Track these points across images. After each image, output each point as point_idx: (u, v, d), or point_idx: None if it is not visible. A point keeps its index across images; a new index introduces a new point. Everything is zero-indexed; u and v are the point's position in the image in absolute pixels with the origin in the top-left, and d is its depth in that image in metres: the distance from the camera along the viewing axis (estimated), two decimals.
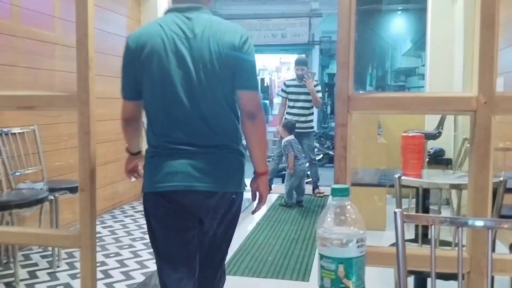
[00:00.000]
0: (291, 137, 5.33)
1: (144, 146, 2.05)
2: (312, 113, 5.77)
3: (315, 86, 5.56)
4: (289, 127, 5.37)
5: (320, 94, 5.65)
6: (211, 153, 1.76)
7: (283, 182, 6.64)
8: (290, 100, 5.65)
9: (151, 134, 1.85)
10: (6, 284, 2.94)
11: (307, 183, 5.93)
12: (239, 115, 1.83)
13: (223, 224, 1.88)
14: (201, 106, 1.74)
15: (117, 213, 4.73)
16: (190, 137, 1.75)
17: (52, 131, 3.83)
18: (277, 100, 17.43)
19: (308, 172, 5.91)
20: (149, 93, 1.81)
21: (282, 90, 5.81)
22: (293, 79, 5.76)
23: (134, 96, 1.88)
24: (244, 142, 1.87)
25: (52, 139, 3.84)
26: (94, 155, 1.86)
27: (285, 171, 6.20)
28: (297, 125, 5.51)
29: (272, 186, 5.98)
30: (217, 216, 1.84)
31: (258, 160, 1.90)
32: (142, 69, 1.81)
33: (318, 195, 5.81)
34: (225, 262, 2.00)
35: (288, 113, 5.65)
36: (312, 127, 5.83)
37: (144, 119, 1.98)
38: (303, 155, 5.51)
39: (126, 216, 4.60)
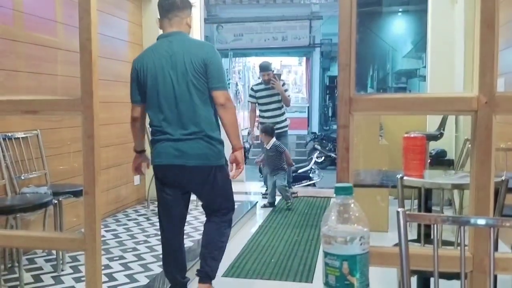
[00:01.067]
0: (274, 139, 5.28)
1: (147, 148, 2.86)
2: (284, 113, 5.83)
3: (282, 85, 5.69)
4: (270, 131, 5.31)
5: (288, 93, 5.80)
6: (186, 139, 2.50)
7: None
8: (261, 104, 5.72)
9: (151, 127, 2.66)
10: None
11: (307, 185, 5.96)
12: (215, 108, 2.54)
13: (207, 185, 2.61)
14: (180, 106, 2.49)
15: (121, 216, 4.75)
16: (172, 129, 2.52)
17: (55, 135, 3.85)
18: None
19: None
20: (148, 99, 2.59)
21: (250, 95, 5.83)
22: (260, 83, 5.83)
23: (138, 100, 2.68)
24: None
25: (55, 143, 3.86)
26: (99, 159, 1.87)
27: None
28: (276, 126, 5.60)
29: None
30: (196, 181, 2.60)
31: (233, 138, 2.60)
32: (143, 82, 2.58)
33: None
34: (230, 207, 2.77)
35: (262, 117, 5.74)
36: (287, 126, 5.86)
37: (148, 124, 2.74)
38: None
39: (129, 220, 4.62)
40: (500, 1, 1.36)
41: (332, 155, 10.78)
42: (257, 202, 5.43)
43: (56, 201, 3.29)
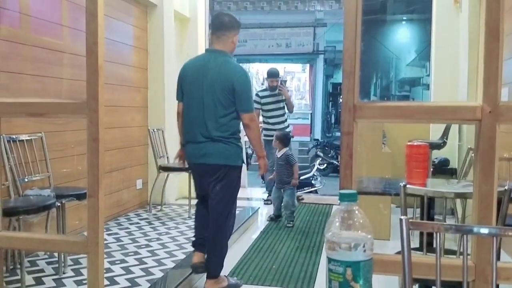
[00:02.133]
0: (287, 149, 4.97)
1: None
2: (287, 120, 5.94)
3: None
4: (285, 140, 4.99)
5: (291, 99, 5.97)
6: (205, 142, 2.92)
7: None
8: (266, 110, 5.77)
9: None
10: None
11: (309, 192, 5.97)
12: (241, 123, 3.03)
13: (217, 182, 2.95)
14: (205, 115, 2.91)
15: (122, 220, 4.75)
16: (196, 133, 2.95)
17: (59, 138, 3.87)
18: None
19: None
20: (184, 102, 3.05)
21: (255, 101, 5.73)
22: (265, 90, 5.90)
23: (180, 98, 3.09)
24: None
25: (59, 146, 3.88)
26: (103, 162, 1.88)
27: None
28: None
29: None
30: (211, 177, 2.95)
31: (256, 149, 3.18)
32: (182, 86, 3.05)
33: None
34: (233, 211, 3.10)
35: (266, 123, 5.78)
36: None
37: None
38: None
39: (131, 224, 4.62)
40: (505, 11, 1.36)
41: (335, 162, 10.77)
42: (258, 208, 5.43)
43: (59, 204, 3.30)
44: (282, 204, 4.92)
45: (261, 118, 5.88)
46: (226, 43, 2.98)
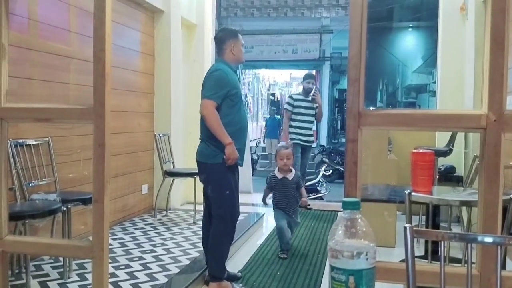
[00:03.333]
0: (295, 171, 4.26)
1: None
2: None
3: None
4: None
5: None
6: (200, 142, 3.24)
7: None
8: (296, 114, 5.67)
9: None
10: None
11: (315, 198, 5.96)
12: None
13: (207, 183, 3.22)
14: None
15: (128, 225, 4.76)
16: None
17: (66, 143, 3.89)
18: None
19: None
20: None
21: (288, 103, 5.76)
22: (299, 94, 5.84)
23: None
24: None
25: (66, 151, 3.90)
26: (109, 167, 1.89)
27: None
28: (305, 138, 5.63)
29: None
30: (201, 176, 3.27)
31: (219, 138, 3.06)
32: None
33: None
34: (221, 215, 3.16)
35: (295, 127, 5.66)
36: (313, 141, 5.95)
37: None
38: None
39: (136, 229, 4.63)
40: (510, 19, 1.37)
41: (340, 168, 10.75)
42: (263, 214, 5.42)
43: (65, 208, 3.31)
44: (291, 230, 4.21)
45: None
46: (224, 54, 3.26)
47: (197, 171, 3.31)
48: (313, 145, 5.90)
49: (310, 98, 5.64)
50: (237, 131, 3.15)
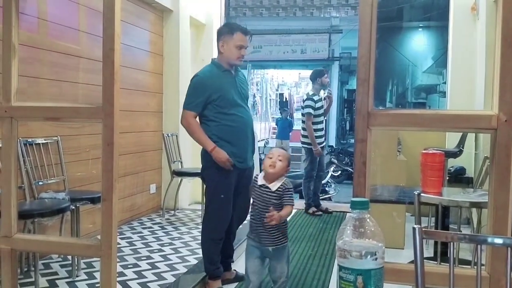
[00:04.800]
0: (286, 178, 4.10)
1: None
2: None
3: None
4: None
5: None
6: None
7: (300, 198, 6.64)
8: (315, 115, 5.52)
9: None
10: None
11: (324, 199, 5.95)
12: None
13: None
14: None
15: (136, 224, 4.78)
16: None
17: (75, 142, 3.91)
18: (297, 115, 17.47)
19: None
20: None
21: (311, 106, 5.50)
22: (314, 94, 5.62)
23: None
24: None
25: (74, 150, 3.92)
26: (117, 166, 1.90)
27: (300, 187, 6.19)
28: (323, 139, 5.62)
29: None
30: None
31: (202, 146, 3.07)
32: None
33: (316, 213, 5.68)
34: (209, 220, 3.15)
35: (315, 130, 5.52)
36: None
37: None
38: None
39: (144, 228, 4.64)
40: None
41: (349, 169, 10.71)
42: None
43: (73, 207, 3.33)
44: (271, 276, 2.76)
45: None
46: (218, 53, 3.18)
47: None
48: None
49: (325, 96, 5.59)
50: (230, 134, 3.06)
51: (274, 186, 2.59)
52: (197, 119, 3.11)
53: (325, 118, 5.88)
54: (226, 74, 3.14)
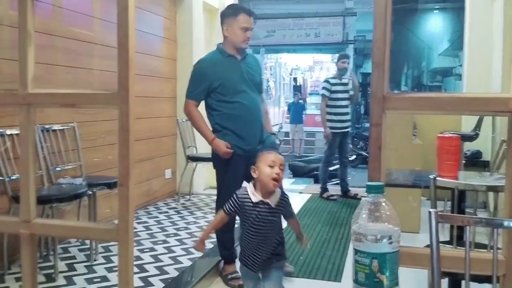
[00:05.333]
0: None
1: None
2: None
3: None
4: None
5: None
6: None
7: (315, 182, 6.65)
8: (333, 99, 5.48)
9: None
10: (46, 275, 3.05)
11: (336, 184, 5.94)
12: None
13: None
14: None
15: (152, 209, 4.83)
16: None
17: (91, 128, 3.95)
18: (311, 100, 17.39)
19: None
20: None
21: (325, 88, 5.52)
22: (334, 77, 5.61)
23: None
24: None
25: (91, 136, 3.96)
26: (133, 152, 1.91)
27: (316, 171, 6.19)
28: (344, 124, 5.52)
29: (305, 186, 5.99)
30: None
31: (203, 136, 3.10)
32: None
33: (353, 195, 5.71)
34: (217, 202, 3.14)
35: (333, 114, 5.49)
36: (350, 126, 5.79)
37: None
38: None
39: (160, 213, 4.69)
40: None
41: (364, 153, 10.67)
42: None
43: (90, 192, 3.38)
44: None
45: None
46: (223, 38, 3.09)
47: None
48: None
49: (346, 80, 5.50)
50: (233, 122, 3.00)
51: (273, 201, 2.10)
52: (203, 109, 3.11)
53: (352, 103, 5.79)
54: (230, 60, 3.04)
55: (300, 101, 14.69)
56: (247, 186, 2.16)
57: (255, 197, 2.10)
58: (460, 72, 10.39)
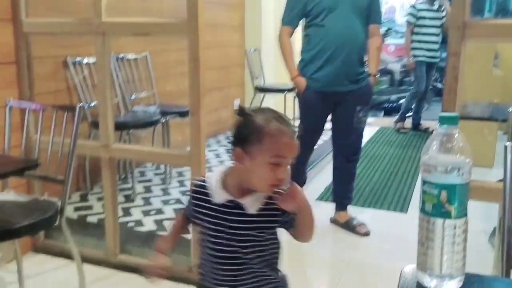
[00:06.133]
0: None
1: None
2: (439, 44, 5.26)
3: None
4: None
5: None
6: None
7: (385, 115, 6.51)
8: (420, 26, 5.12)
9: None
10: (125, 196, 3.27)
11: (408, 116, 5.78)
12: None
13: None
14: None
15: (221, 138, 4.96)
16: None
17: (163, 57, 4.02)
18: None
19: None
20: None
21: (411, 14, 5.17)
22: (422, 2, 5.21)
23: None
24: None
25: (163, 65, 4.04)
26: (203, 81, 1.95)
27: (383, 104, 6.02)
28: (430, 54, 5.17)
29: (375, 119, 5.87)
30: None
31: (287, 69, 2.82)
32: None
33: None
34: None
35: (418, 41, 5.16)
36: (439, 57, 5.36)
37: None
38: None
39: (229, 142, 4.81)
40: None
41: (438, 85, 10.21)
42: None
43: (164, 120, 3.51)
44: None
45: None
46: None
47: (287, 88, 3.18)
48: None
49: (436, 6, 5.09)
50: (319, 49, 2.65)
51: (251, 204, 1.12)
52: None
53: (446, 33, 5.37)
54: None
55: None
56: (213, 173, 1.24)
57: (221, 195, 1.16)
58: None
